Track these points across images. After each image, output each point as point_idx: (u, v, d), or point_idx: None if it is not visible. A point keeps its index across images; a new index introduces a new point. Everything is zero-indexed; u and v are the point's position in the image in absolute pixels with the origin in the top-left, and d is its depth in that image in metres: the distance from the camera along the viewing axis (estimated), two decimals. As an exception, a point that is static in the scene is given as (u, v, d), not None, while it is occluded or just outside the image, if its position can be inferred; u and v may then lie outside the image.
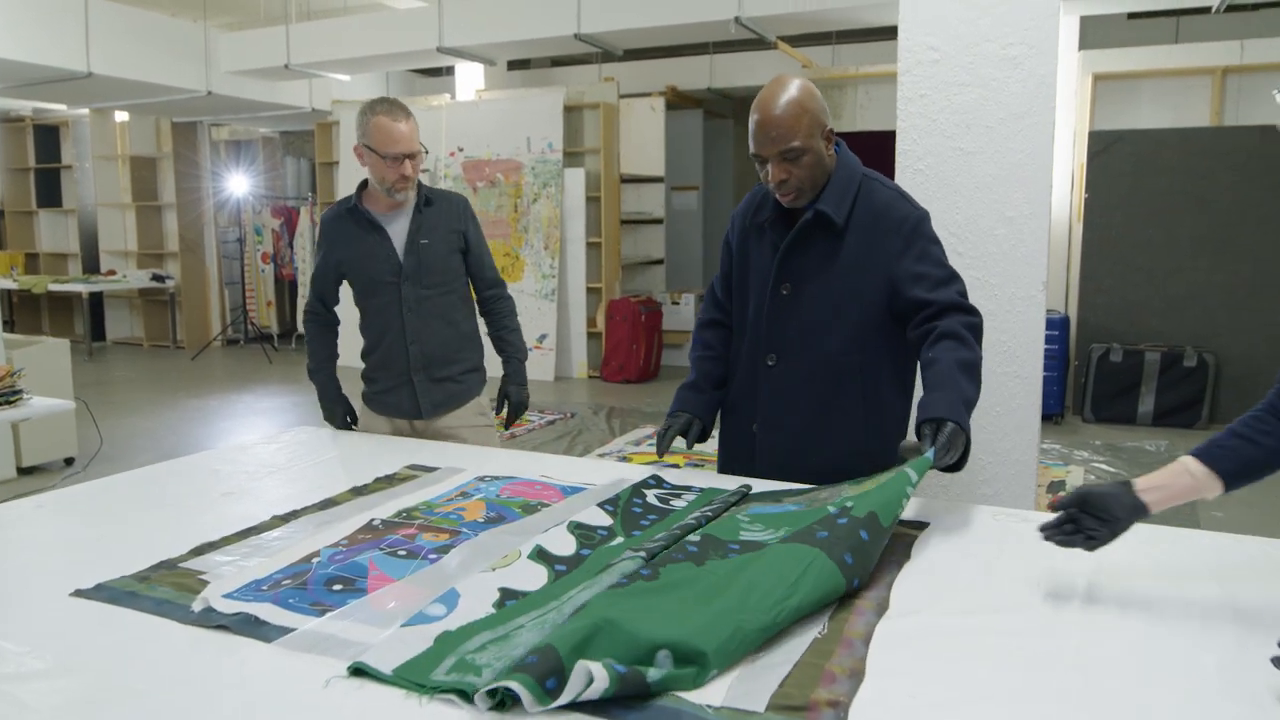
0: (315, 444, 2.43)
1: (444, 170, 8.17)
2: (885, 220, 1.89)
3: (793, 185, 1.87)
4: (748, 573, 1.31)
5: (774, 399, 2.00)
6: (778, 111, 1.83)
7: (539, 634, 1.19)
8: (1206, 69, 6.09)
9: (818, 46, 8.25)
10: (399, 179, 2.39)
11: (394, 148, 2.35)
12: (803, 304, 1.95)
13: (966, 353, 1.78)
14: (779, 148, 1.83)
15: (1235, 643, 1.22)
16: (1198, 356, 5.88)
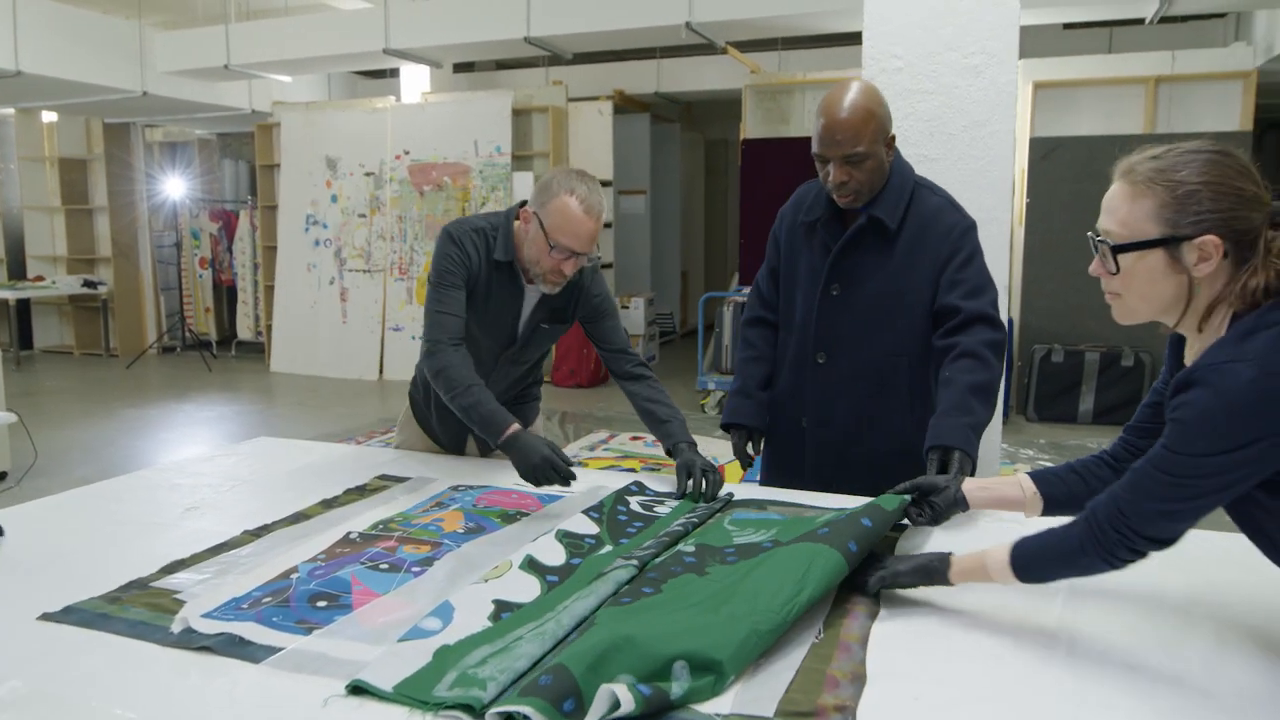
0: (277, 455, 2.37)
1: (389, 174, 8.06)
2: (935, 227, 1.95)
3: (852, 188, 1.92)
4: (754, 576, 1.31)
5: (823, 396, 2.04)
6: (845, 115, 1.87)
7: (539, 645, 1.18)
8: (1140, 78, 6.30)
9: (764, 52, 8.32)
10: (555, 273, 2.00)
11: (569, 240, 1.95)
12: (852, 305, 1.99)
13: (982, 374, 1.84)
14: (843, 151, 1.87)
15: (1215, 636, 1.26)
16: (1135, 356, 6.07)
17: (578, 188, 1.95)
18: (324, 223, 8.36)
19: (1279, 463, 1.07)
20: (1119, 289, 1.22)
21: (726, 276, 11.62)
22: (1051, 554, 1.23)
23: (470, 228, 2.08)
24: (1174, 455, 1.11)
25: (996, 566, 1.26)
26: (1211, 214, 1.13)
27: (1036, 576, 1.27)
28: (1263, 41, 6.32)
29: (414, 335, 8.00)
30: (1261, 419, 1.05)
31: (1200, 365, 1.11)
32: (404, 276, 8.09)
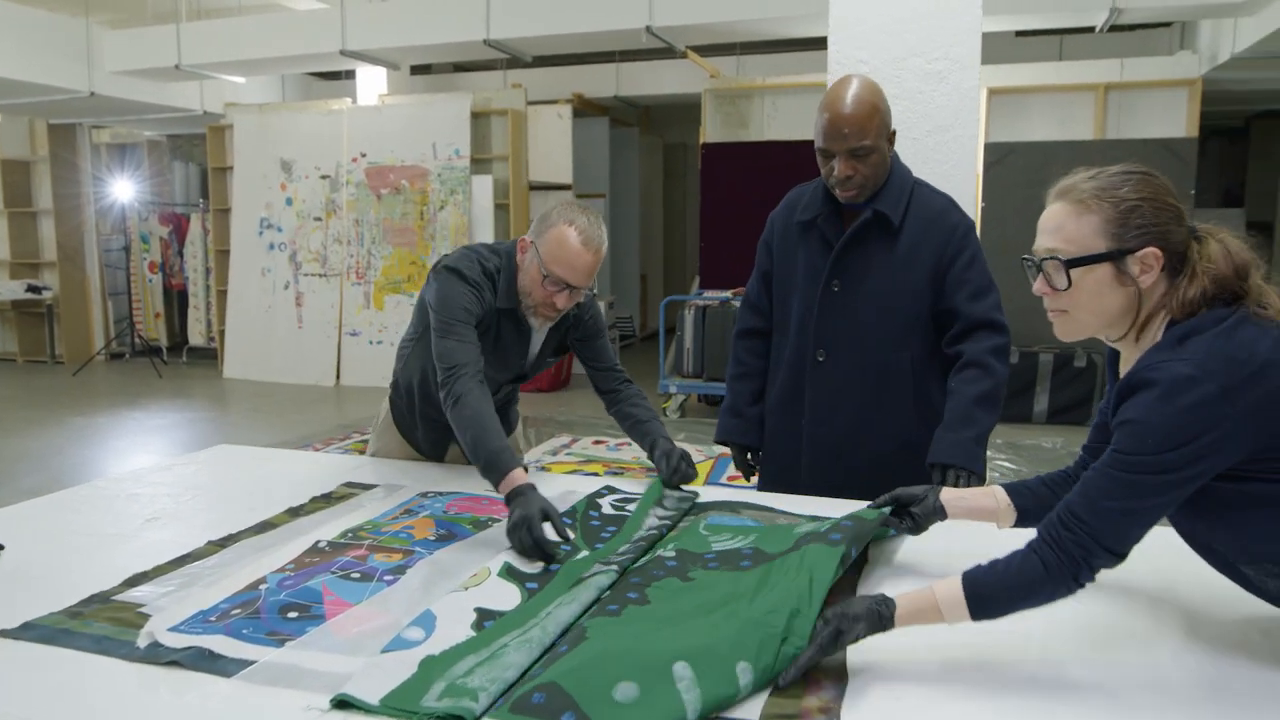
0: (238, 463, 2.32)
1: (346, 177, 7.96)
2: (940, 224, 1.97)
3: (856, 182, 1.93)
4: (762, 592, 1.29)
5: (822, 395, 2.04)
6: (851, 109, 1.88)
7: (526, 653, 1.17)
8: (1090, 85, 6.45)
9: (722, 57, 8.37)
10: (547, 306, 1.92)
11: (563, 271, 1.86)
12: (854, 301, 2.00)
13: (986, 383, 1.88)
14: (849, 145, 1.89)
15: (1185, 629, 1.28)
16: (1087, 357, 6.20)
17: (578, 219, 1.88)
18: (279, 226, 8.22)
19: (1224, 460, 1.10)
20: (1066, 305, 1.26)
21: (686, 280, 11.66)
22: (1009, 582, 1.17)
23: (481, 270, 1.94)
24: (1126, 456, 1.13)
25: (949, 603, 1.18)
26: (1152, 227, 1.20)
27: (992, 612, 1.18)
28: (1207, 50, 6.50)
29: (371, 340, 7.91)
30: (1204, 416, 1.08)
31: (1139, 369, 1.15)
32: (361, 280, 7.99)
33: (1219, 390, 1.08)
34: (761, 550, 1.50)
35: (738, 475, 2.24)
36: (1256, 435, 1.09)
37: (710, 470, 5.18)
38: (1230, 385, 1.08)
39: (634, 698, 1.05)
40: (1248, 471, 1.11)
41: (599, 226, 1.91)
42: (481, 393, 1.80)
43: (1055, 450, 5.62)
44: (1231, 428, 1.08)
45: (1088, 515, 1.13)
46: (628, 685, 1.07)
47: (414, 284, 7.84)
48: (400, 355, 2.18)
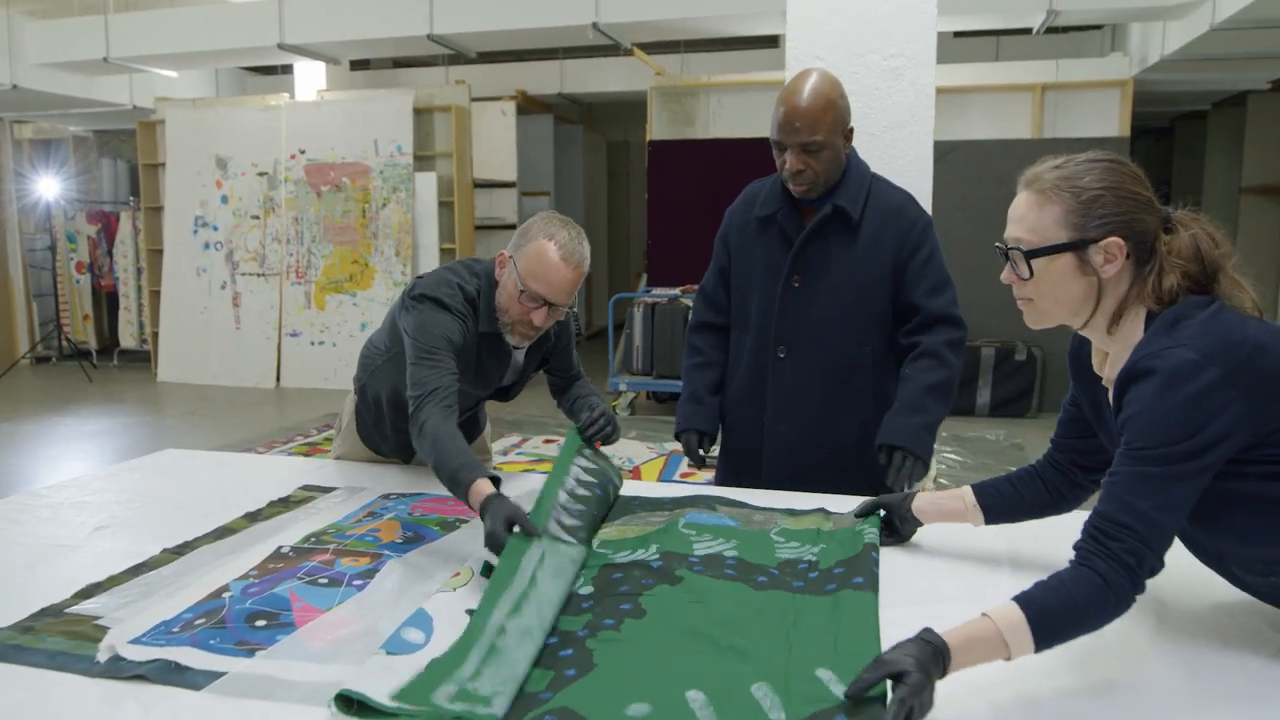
0: (187, 467, 2.24)
1: (284, 174, 7.77)
2: (899, 220, 1.97)
3: (808, 178, 1.92)
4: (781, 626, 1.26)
5: (783, 391, 2.03)
6: (805, 104, 1.87)
7: (530, 645, 1.17)
8: (1028, 85, 6.60)
9: (667, 55, 8.38)
10: (524, 324, 1.85)
11: (541, 286, 1.79)
12: (814, 297, 1.99)
13: (940, 373, 1.90)
14: (801, 139, 1.88)
15: (1156, 615, 1.31)
16: (1027, 351, 6.35)
17: (559, 233, 1.80)
18: (214, 225, 8.00)
19: (1233, 445, 1.10)
20: (1031, 294, 1.27)
21: (629, 278, 11.65)
22: (1071, 603, 1.08)
23: (463, 297, 1.88)
24: (1148, 452, 1.11)
25: (1013, 633, 1.06)
26: (1115, 217, 1.20)
27: (1056, 637, 1.09)
28: (1137, 52, 6.71)
29: (313, 341, 7.74)
30: (1211, 402, 1.09)
31: (1139, 358, 1.15)
32: (301, 280, 7.81)
33: (1221, 375, 1.09)
34: (744, 560, 1.49)
35: (691, 473, 2.24)
36: (1252, 420, 1.10)
37: (663, 468, 5.17)
38: (1231, 369, 1.09)
39: (646, 714, 1.04)
40: (1238, 469, 1.12)
41: (581, 241, 1.83)
42: (444, 416, 1.71)
43: (998, 442, 5.74)
44: (1237, 411, 1.09)
45: (1132, 521, 1.10)
46: (640, 705, 1.05)
47: (356, 283, 7.70)
48: (367, 364, 2.09)
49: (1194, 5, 5.18)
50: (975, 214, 6.43)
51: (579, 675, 1.13)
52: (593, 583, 1.42)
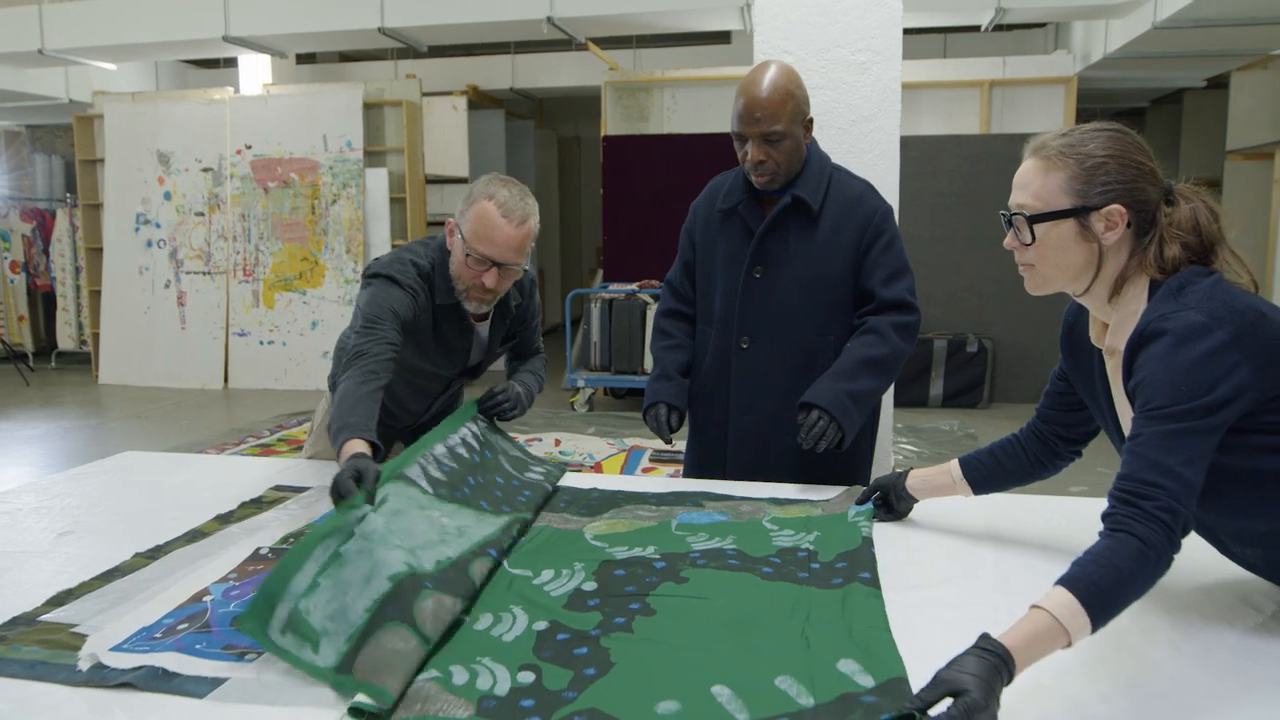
0: (150, 470, 2.17)
1: (230, 169, 7.59)
2: (858, 209, 1.98)
3: (769, 168, 1.93)
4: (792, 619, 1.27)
5: (747, 382, 2.04)
6: (765, 95, 1.88)
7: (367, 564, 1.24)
8: (976, 82, 6.72)
9: (620, 50, 8.36)
10: (477, 289, 1.86)
11: (486, 247, 1.80)
12: (775, 287, 2.00)
13: (879, 349, 1.91)
14: (761, 129, 1.89)
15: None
16: (978, 343, 6.47)
17: (498, 192, 1.81)
18: (157, 222, 7.78)
19: (1240, 406, 1.13)
20: (1033, 259, 1.29)
21: (582, 273, 11.63)
22: (1117, 572, 1.05)
23: (415, 273, 1.88)
24: (1167, 409, 1.11)
25: (1070, 618, 1.02)
26: (1118, 184, 1.22)
27: (1112, 612, 1.05)
28: (1080, 50, 6.88)
29: (262, 341, 7.58)
30: (1219, 363, 1.11)
31: (1149, 321, 1.18)
32: (249, 279, 7.64)
33: (1229, 337, 1.12)
34: (744, 553, 1.50)
35: (652, 468, 2.24)
36: (1255, 384, 1.12)
37: (624, 464, 5.17)
38: (1235, 333, 1.12)
39: (676, 710, 1.03)
40: (1232, 441, 1.15)
41: (524, 198, 1.83)
42: (361, 379, 1.69)
43: (952, 432, 5.85)
44: (1244, 374, 1.11)
45: (1161, 478, 1.08)
46: (669, 703, 1.05)
47: (306, 281, 7.55)
48: (337, 358, 2.08)
49: (1136, 4, 5.33)
50: (927, 208, 6.53)
51: (599, 674, 1.12)
52: (595, 578, 1.41)
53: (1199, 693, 1.09)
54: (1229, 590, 1.36)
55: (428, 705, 1.06)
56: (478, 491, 1.68)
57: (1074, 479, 4.68)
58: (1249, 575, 1.37)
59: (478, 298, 1.88)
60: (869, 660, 1.11)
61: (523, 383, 2.08)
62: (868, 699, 1.02)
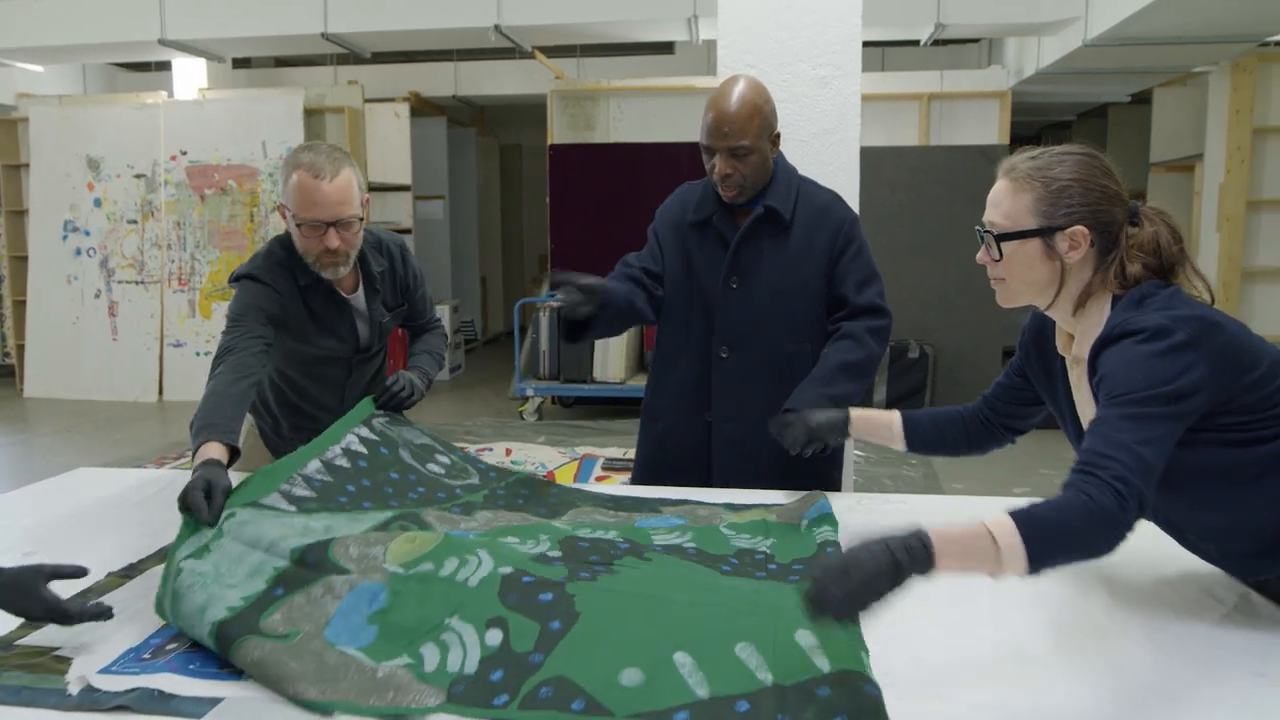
0: (106, 486, 2.11)
1: (164, 176, 7.39)
2: (827, 218, 2.03)
3: (736, 181, 1.97)
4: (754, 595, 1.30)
5: (729, 389, 2.06)
6: (733, 109, 1.92)
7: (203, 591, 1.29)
8: (915, 95, 6.90)
9: (564, 59, 8.37)
10: (325, 255, 1.90)
11: (310, 212, 1.85)
12: (752, 297, 2.03)
13: (856, 353, 1.96)
14: (730, 143, 1.92)
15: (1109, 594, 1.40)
16: (920, 349, 6.63)
17: (303, 158, 1.85)
18: (86, 229, 7.53)
19: (1199, 404, 1.19)
20: (1002, 274, 1.37)
21: (524, 282, 11.58)
22: (1062, 518, 1.10)
23: (272, 263, 1.96)
24: (1127, 396, 1.16)
25: (1007, 545, 1.07)
26: (1081, 207, 1.30)
27: (1048, 557, 1.10)
28: (1013, 65, 7.11)
29: (198, 351, 7.38)
30: (1179, 359, 1.18)
31: (1112, 327, 1.25)
32: (184, 288, 7.43)
33: (1187, 338, 1.18)
34: (704, 551, 1.52)
35: (605, 476, 2.25)
36: (1211, 385, 1.19)
37: (577, 472, 5.16)
38: (1195, 335, 1.19)
39: (640, 682, 1.07)
40: (1193, 438, 1.21)
41: (331, 155, 1.86)
42: (232, 375, 1.77)
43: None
44: (1201, 373, 1.18)
45: (1116, 452, 1.13)
46: (633, 671, 1.08)
47: (245, 290, 7.38)
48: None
49: (1068, 22, 5.53)
50: (870, 218, 6.63)
51: (565, 629, 1.16)
52: (560, 546, 1.43)
53: (1180, 683, 1.14)
54: (1192, 584, 1.43)
55: (400, 696, 1.08)
56: (360, 494, 1.68)
57: (1017, 479, 4.83)
58: (1208, 568, 1.44)
59: (330, 263, 1.92)
60: (826, 638, 1.13)
61: (416, 367, 2.13)
62: (822, 691, 1.05)
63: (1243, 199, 6.12)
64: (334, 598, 1.26)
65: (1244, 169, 6.07)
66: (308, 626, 1.21)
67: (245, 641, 1.18)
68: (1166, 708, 1.08)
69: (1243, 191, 6.11)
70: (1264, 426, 1.22)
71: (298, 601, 1.27)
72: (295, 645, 1.17)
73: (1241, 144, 6.05)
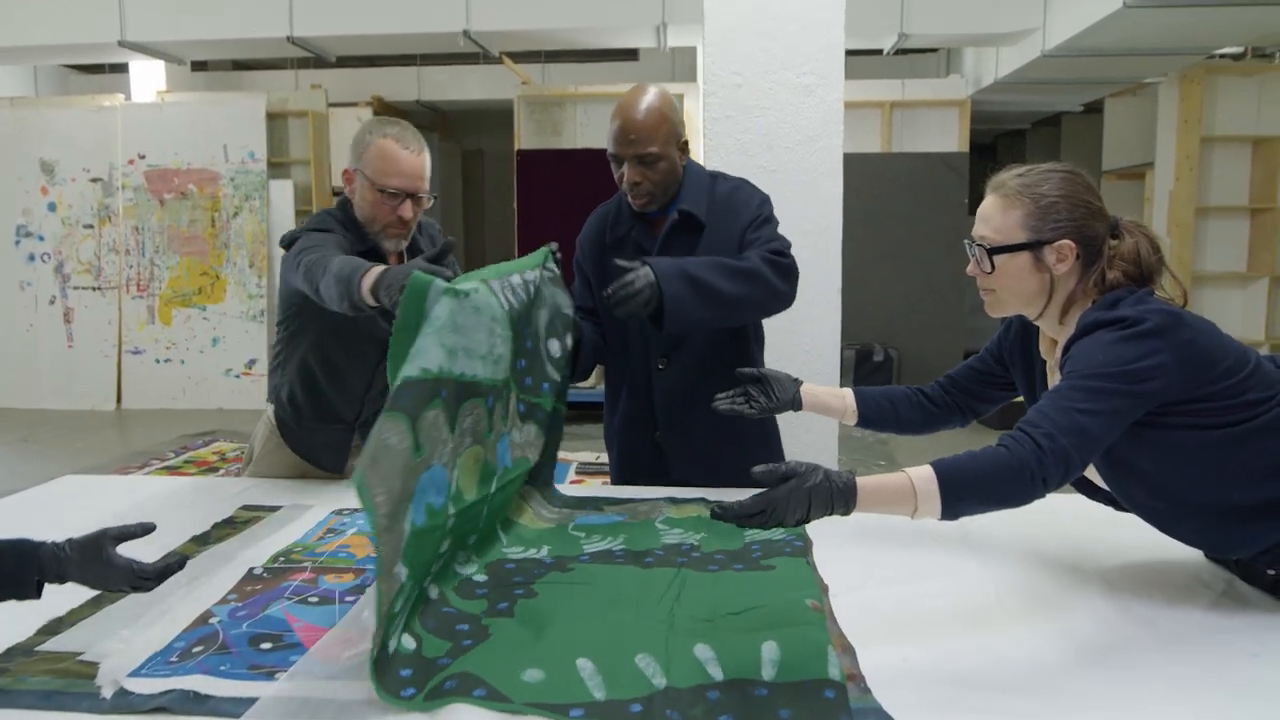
0: (98, 494, 2.09)
1: (122, 180, 7.25)
2: (734, 204, 1.99)
3: (645, 189, 1.94)
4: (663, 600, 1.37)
5: (670, 400, 2.02)
6: (639, 117, 1.90)
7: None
8: (877, 102, 7.02)
9: (529, 64, 8.38)
10: (395, 222, 1.92)
11: (397, 180, 1.88)
12: None
13: (741, 262, 1.85)
14: (637, 150, 1.90)
15: (1104, 582, 1.46)
16: (884, 352, 6.75)
17: (390, 129, 1.91)
18: (40, 234, 7.36)
19: (1158, 388, 1.26)
20: (993, 285, 1.44)
21: (489, 288, 11.51)
22: (978, 469, 1.20)
23: (333, 221, 1.95)
24: (1080, 371, 1.26)
25: (925, 491, 1.18)
26: (1068, 222, 1.38)
27: (963, 503, 1.20)
28: (971, 74, 7.27)
29: (158, 359, 7.25)
30: (1142, 344, 1.26)
31: (1084, 321, 1.33)
32: (144, 294, 7.30)
33: (1154, 327, 1.26)
34: (631, 550, 1.58)
35: (579, 480, 2.24)
36: (1173, 378, 1.26)
37: (550, 476, 5.17)
38: (1161, 326, 1.27)
39: (541, 679, 1.13)
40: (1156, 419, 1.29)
41: (414, 132, 1.93)
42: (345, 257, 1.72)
43: (863, 438, 6.07)
44: (1164, 359, 1.25)
45: (1050, 411, 1.23)
46: (534, 671, 1.14)
47: (206, 296, 7.27)
48: (271, 374, 2.08)
49: (1026, 33, 5.69)
50: (833, 223, 6.78)
51: (475, 644, 1.21)
52: (486, 571, 1.48)
53: (1180, 663, 1.20)
54: (1182, 571, 1.49)
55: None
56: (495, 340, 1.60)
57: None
58: (1197, 556, 1.51)
59: (396, 233, 1.95)
60: (725, 646, 1.19)
61: None
62: (712, 695, 1.10)
63: (1192, 205, 6.33)
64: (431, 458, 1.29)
65: (1193, 176, 6.29)
66: (419, 458, 1.25)
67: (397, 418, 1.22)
68: (1170, 688, 1.14)
69: (1192, 198, 6.33)
70: (1229, 413, 1.29)
71: (430, 418, 1.28)
72: (400, 471, 1.20)
73: (1190, 152, 6.26)
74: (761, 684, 1.11)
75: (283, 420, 2.12)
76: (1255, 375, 1.31)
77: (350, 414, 2.08)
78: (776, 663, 1.14)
